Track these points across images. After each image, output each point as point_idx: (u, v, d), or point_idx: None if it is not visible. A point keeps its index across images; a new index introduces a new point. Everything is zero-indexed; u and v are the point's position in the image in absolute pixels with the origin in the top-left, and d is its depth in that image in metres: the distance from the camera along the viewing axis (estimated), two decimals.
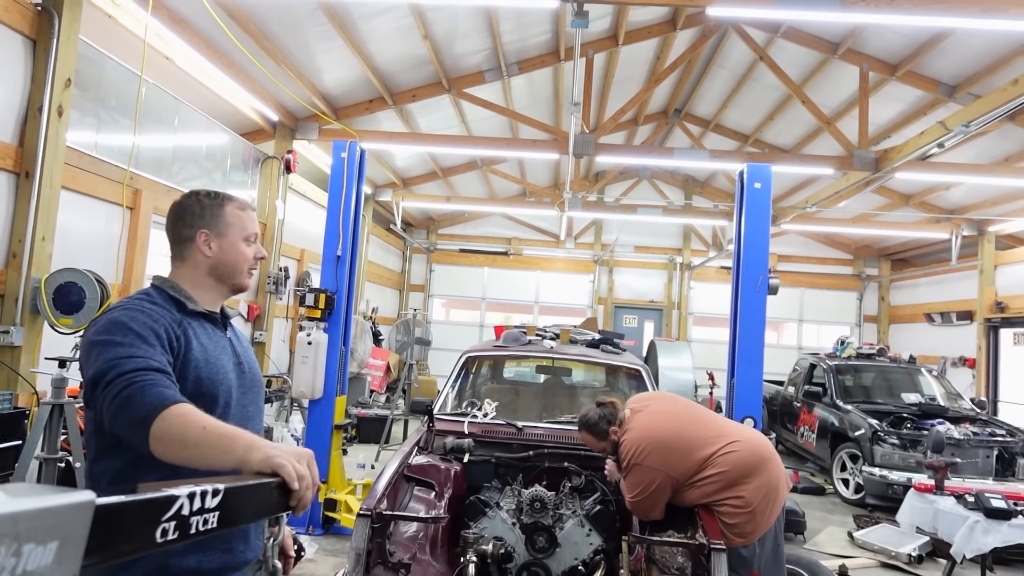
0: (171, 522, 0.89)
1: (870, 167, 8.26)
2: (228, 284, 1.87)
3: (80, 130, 5.42)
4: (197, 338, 1.72)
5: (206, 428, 1.41)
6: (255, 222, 1.93)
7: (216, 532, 1.01)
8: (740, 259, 5.46)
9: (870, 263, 15.80)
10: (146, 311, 1.64)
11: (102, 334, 1.58)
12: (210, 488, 0.98)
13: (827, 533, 6.63)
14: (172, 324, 1.67)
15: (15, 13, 4.66)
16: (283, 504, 1.28)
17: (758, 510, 3.18)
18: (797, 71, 9.26)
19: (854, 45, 8.33)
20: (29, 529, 0.61)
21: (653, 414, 3.44)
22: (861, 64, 8.42)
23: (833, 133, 8.61)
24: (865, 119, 8.39)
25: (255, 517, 1.29)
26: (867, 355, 9.86)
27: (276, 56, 7.18)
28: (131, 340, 1.56)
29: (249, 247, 1.88)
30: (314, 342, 5.81)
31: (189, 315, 1.75)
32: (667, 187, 15.93)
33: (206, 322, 1.80)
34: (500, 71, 9.05)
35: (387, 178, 12.54)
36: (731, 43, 9.50)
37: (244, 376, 1.85)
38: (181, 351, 1.65)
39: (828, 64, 8.87)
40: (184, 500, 0.92)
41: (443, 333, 15.33)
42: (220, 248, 1.83)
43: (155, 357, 1.56)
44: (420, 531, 3.42)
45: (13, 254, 4.75)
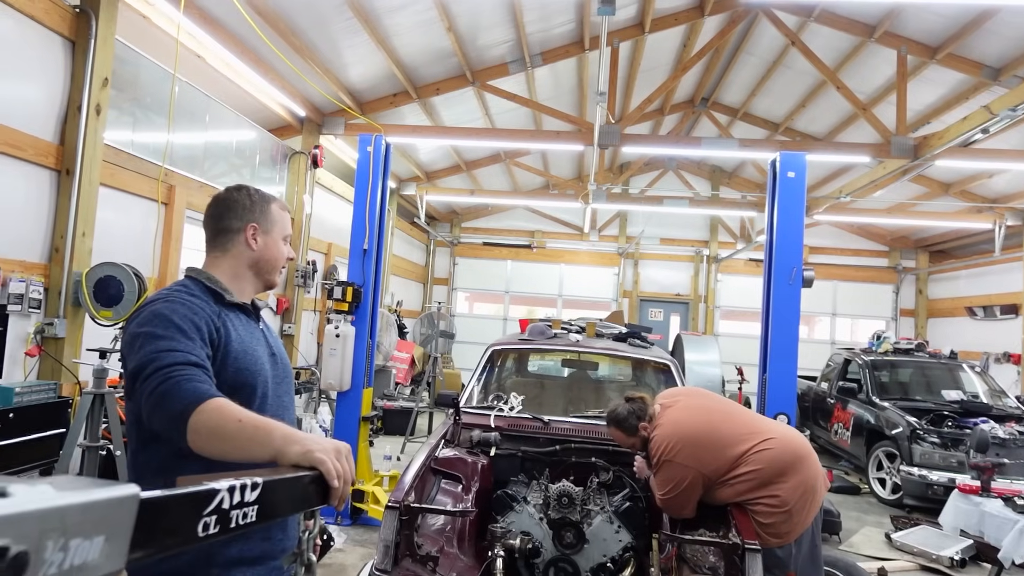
0: (212, 516, 0.90)
1: (908, 154, 8.05)
2: (264, 279, 1.92)
3: (117, 128, 5.52)
4: (235, 329, 1.74)
5: (242, 421, 1.42)
6: (290, 223, 1.99)
7: (255, 526, 1.01)
8: (772, 251, 5.37)
9: (907, 255, 15.43)
10: (186, 303, 1.66)
11: (144, 326, 1.61)
12: (249, 481, 0.98)
13: (863, 534, 6.52)
14: (212, 316, 1.69)
15: (55, 15, 4.75)
16: (320, 497, 1.28)
17: (794, 510, 3.13)
18: (831, 56, 9.06)
19: (892, 27, 8.11)
20: (76, 523, 0.61)
21: (684, 410, 3.40)
22: (899, 47, 8.20)
23: (869, 119, 8.42)
24: (903, 104, 8.17)
25: (293, 510, 1.31)
26: (905, 350, 9.61)
27: (303, 52, 7.23)
28: (171, 333, 1.58)
29: (285, 247, 1.95)
30: (342, 335, 5.86)
31: (226, 306, 1.77)
32: (693, 178, 15.75)
33: (241, 313, 1.83)
34: (524, 62, 9.00)
35: (411, 172, 12.58)
36: (761, 28, 9.33)
37: (277, 367, 1.87)
38: (221, 342, 1.67)
39: (864, 48, 8.65)
40: (224, 494, 0.92)
41: (467, 326, 15.34)
42: (265, 244, 1.87)
43: (194, 351, 1.58)
44: (448, 524, 3.43)
45: (56, 249, 4.87)
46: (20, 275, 4.58)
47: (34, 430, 4.14)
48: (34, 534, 0.56)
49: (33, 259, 4.75)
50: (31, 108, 4.67)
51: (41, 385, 4.36)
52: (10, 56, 4.48)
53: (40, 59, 4.72)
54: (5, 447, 3.92)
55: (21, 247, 4.65)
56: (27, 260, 4.69)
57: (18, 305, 4.52)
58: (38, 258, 4.80)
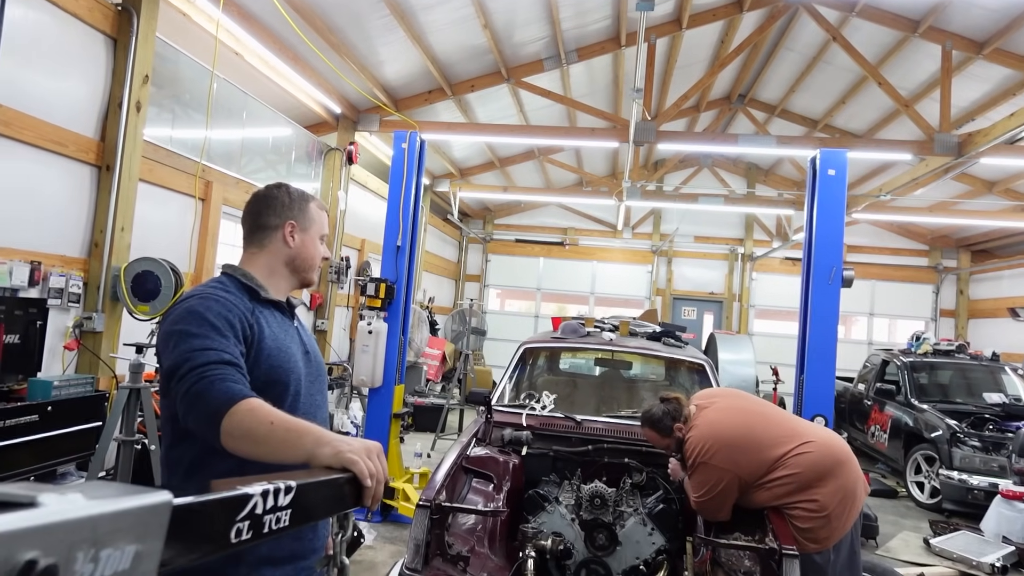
0: (245, 521, 0.88)
1: (952, 152, 7.82)
2: (299, 277, 1.91)
3: (156, 124, 5.61)
4: (269, 326, 1.74)
5: (274, 424, 1.42)
6: (327, 223, 1.99)
7: (288, 530, 0.99)
8: (811, 250, 5.25)
9: (947, 254, 15.03)
10: (221, 300, 1.66)
11: (178, 323, 1.61)
12: (283, 485, 0.96)
13: (901, 539, 6.36)
14: (245, 313, 1.68)
15: (97, 13, 4.84)
16: (354, 499, 1.27)
17: (833, 515, 3.05)
18: (873, 51, 8.83)
19: (936, 22, 7.88)
20: (108, 533, 0.59)
21: (720, 411, 3.34)
22: (944, 42, 7.96)
23: (912, 116, 8.19)
24: (947, 101, 7.94)
25: (326, 514, 1.29)
26: (945, 351, 9.37)
27: (340, 49, 7.27)
28: (205, 330, 1.58)
29: (322, 246, 1.94)
30: (374, 331, 5.88)
31: (261, 303, 1.77)
32: (729, 175, 15.52)
33: (275, 311, 1.82)
34: (559, 59, 8.94)
35: (444, 168, 12.61)
36: (801, 24, 9.14)
37: (311, 364, 1.86)
38: (254, 340, 1.67)
39: (907, 43, 8.42)
40: (258, 498, 0.90)
41: (498, 323, 15.35)
42: (302, 242, 1.87)
43: (228, 348, 1.58)
44: (478, 524, 3.41)
45: (95, 244, 4.97)
46: (60, 270, 4.68)
47: (71, 423, 4.22)
48: (64, 546, 0.54)
49: (73, 254, 4.85)
50: (73, 105, 4.77)
51: (79, 379, 4.45)
52: (54, 53, 4.58)
53: (83, 56, 4.82)
54: (44, 440, 4.00)
55: (62, 242, 4.75)
56: (67, 255, 4.79)
57: (58, 299, 4.62)
58: (78, 253, 4.90)
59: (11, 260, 4.27)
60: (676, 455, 3.47)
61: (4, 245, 4.29)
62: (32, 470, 3.98)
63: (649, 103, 8.69)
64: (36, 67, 4.46)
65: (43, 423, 4.01)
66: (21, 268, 4.31)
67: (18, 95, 4.30)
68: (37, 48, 4.45)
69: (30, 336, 4.24)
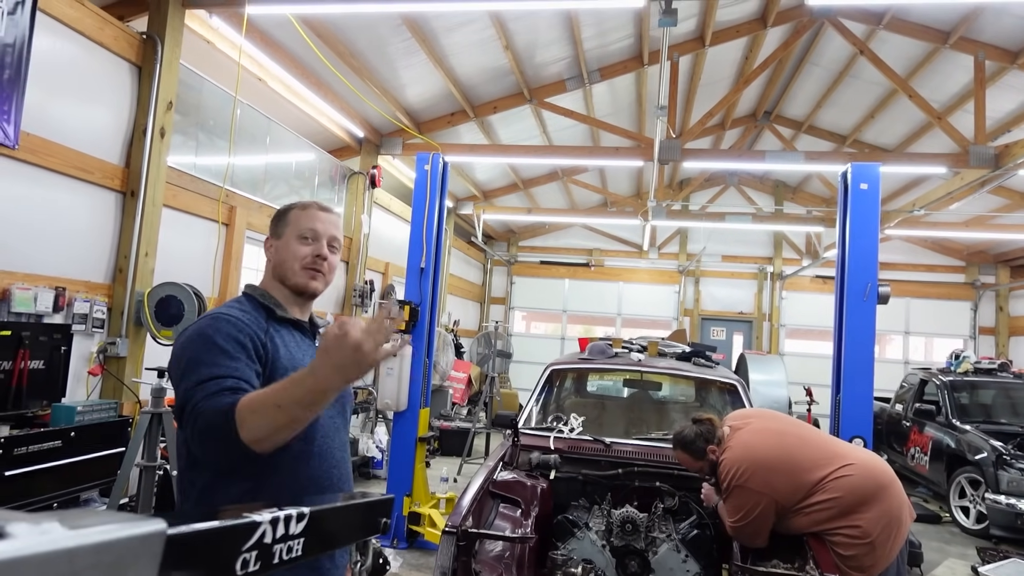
0: (252, 552, 0.80)
1: (989, 164, 7.62)
2: (288, 285, 1.78)
3: (180, 150, 5.66)
4: (285, 346, 1.69)
5: (281, 405, 1.37)
6: (317, 219, 1.80)
7: (301, 560, 0.92)
8: (845, 266, 5.09)
9: (985, 270, 14.62)
10: (232, 320, 1.62)
11: (187, 349, 1.58)
12: (295, 512, 0.89)
13: (947, 566, 6.08)
14: (258, 332, 1.64)
15: (123, 42, 4.91)
16: (373, 527, 1.19)
17: (878, 541, 2.88)
18: (902, 64, 8.68)
19: (967, 32, 7.72)
20: (89, 567, 0.52)
21: (755, 432, 3.20)
22: (976, 52, 7.79)
23: (945, 129, 8.01)
24: (982, 112, 7.75)
25: (344, 542, 1.20)
26: (986, 370, 9.05)
27: (362, 73, 7.32)
28: (214, 356, 1.53)
29: (305, 245, 1.76)
30: (399, 354, 5.81)
31: (278, 322, 1.73)
32: (756, 193, 15.33)
33: (295, 330, 1.77)
34: (581, 79, 8.93)
35: (468, 191, 12.62)
36: (826, 39, 9.03)
37: None
38: (268, 358, 1.63)
39: (937, 55, 8.26)
40: (267, 526, 0.83)
41: (524, 346, 15.22)
42: (276, 249, 1.80)
43: (235, 372, 1.53)
44: (506, 550, 3.30)
45: (119, 269, 4.99)
46: (85, 295, 4.69)
47: (95, 449, 4.20)
48: None
49: (97, 279, 4.87)
50: (99, 132, 4.82)
51: (102, 404, 4.43)
52: (80, 82, 4.64)
53: (108, 84, 4.88)
54: (67, 466, 3.97)
55: (86, 268, 4.78)
56: (92, 280, 4.81)
57: (82, 324, 4.63)
58: (102, 278, 4.92)
59: (36, 286, 4.29)
60: (710, 479, 3.33)
61: (29, 271, 4.31)
62: (55, 496, 3.95)
63: (673, 121, 8.61)
64: (63, 95, 4.52)
65: (66, 449, 3.99)
66: (46, 294, 4.33)
67: (45, 123, 4.36)
68: (64, 77, 4.52)
69: (54, 362, 4.24)
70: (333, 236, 1.82)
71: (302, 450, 1.63)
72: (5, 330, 3.94)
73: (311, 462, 1.65)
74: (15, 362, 3.95)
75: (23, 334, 4.01)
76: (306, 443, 1.63)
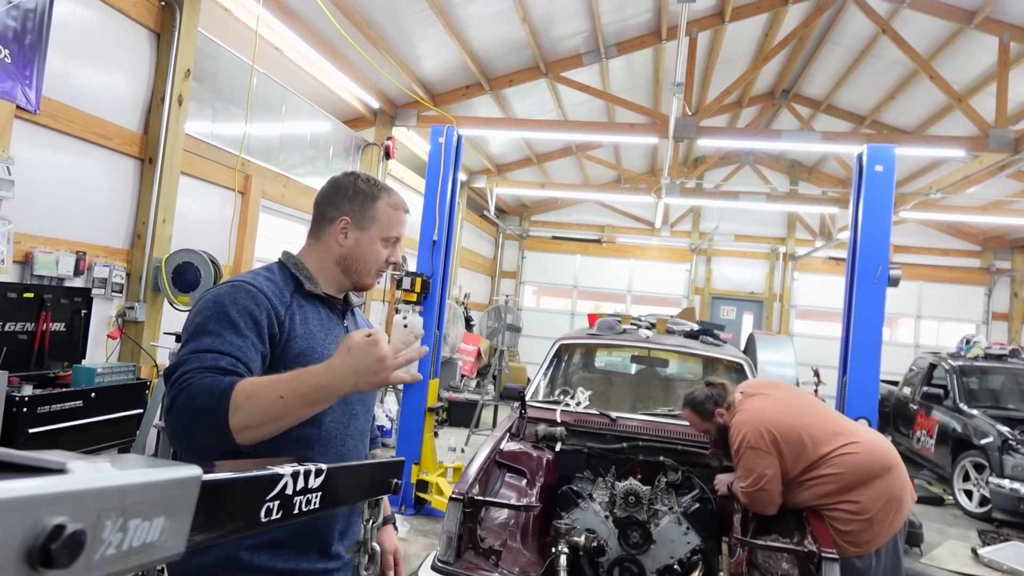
0: (275, 501, 0.88)
1: (1008, 148, 7.53)
2: (352, 279, 1.74)
3: (197, 118, 5.71)
4: (306, 323, 1.61)
5: (284, 396, 1.32)
6: (403, 224, 1.76)
7: (319, 512, 0.99)
8: (856, 248, 5.09)
9: (1001, 255, 14.50)
10: (251, 291, 1.54)
11: (200, 313, 1.51)
12: (313, 468, 0.97)
13: (947, 547, 6.15)
14: (279, 306, 1.56)
15: (141, 8, 4.94)
16: (385, 486, 1.26)
17: (876, 518, 2.95)
18: (924, 44, 8.54)
19: (992, 13, 7.58)
20: (136, 503, 0.59)
21: (767, 399, 3.27)
22: (1001, 34, 7.65)
23: (965, 111, 7.90)
24: (1004, 95, 7.63)
25: (357, 498, 1.28)
26: (997, 356, 9.03)
27: (378, 44, 7.30)
28: (221, 328, 1.46)
29: (386, 249, 1.74)
30: (409, 324, 5.86)
31: (304, 296, 1.65)
32: (771, 173, 15.21)
33: (322, 306, 1.69)
34: (598, 53, 8.85)
35: (481, 164, 12.60)
36: (849, 16, 8.88)
37: None
38: (282, 337, 1.55)
39: (961, 35, 8.12)
40: (288, 479, 0.91)
41: (534, 320, 15.30)
42: (356, 241, 1.70)
43: (240, 350, 1.45)
44: (511, 518, 3.39)
45: (138, 235, 5.08)
46: (104, 260, 4.78)
47: (114, 410, 4.30)
48: (92, 513, 0.54)
49: (117, 245, 4.96)
50: (118, 98, 4.87)
51: (121, 367, 4.54)
52: (100, 48, 4.67)
53: (127, 51, 4.91)
54: (87, 425, 4.09)
55: (106, 233, 4.86)
56: (111, 246, 4.90)
57: (102, 289, 4.72)
58: (121, 244, 5.01)
59: (57, 250, 4.38)
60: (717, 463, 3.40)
61: (51, 235, 4.40)
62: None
63: (690, 98, 8.56)
64: (82, 62, 4.56)
65: (87, 409, 4.10)
66: (67, 258, 4.42)
67: (65, 89, 4.41)
68: (83, 43, 4.55)
69: (75, 324, 4.34)
70: (402, 236, 1.79)
71: (306, 434, 1.54)
72: (28, 292, 4.04)
73: (315, 446, 1.57)
74: (38, 324, 4.05)
75: (45, 296, 4.10)
76: (312, 427, 1.53)
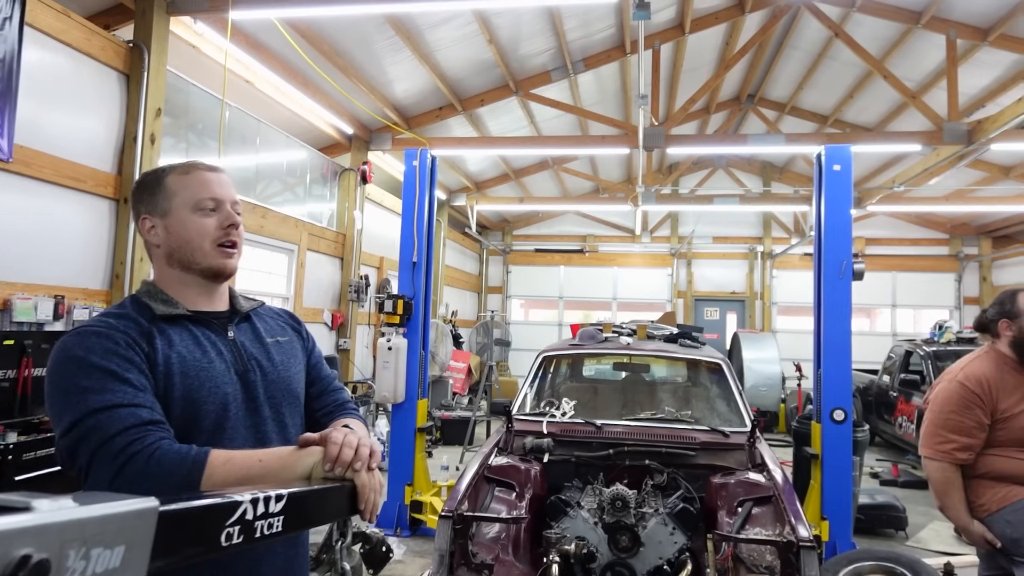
0: (235, 527, 0.92)
1: (962, 140, 7.77)
2: (196, 269, 1.47)
3: (171, 154, 5.76)
4: (171, 347, 1.37)
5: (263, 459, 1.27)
6: (208, 183, 1.47)
7: (282, 536, 1.02)
8: (821, 245, 5.24)
9: (968, 242, 14.83)
10: (103, 332, 1.31)
11: (60, 374, 1.27)
12: (274, 493, 1.00)
13: (931, 529, 6.28)
14: (137, 338, 1.33)
15: (110, 51, 5.01)
16: (350, 507, 1.28)
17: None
18: (877, 45, 8.81)
19: (939, 12, 7.85)
20: (96, 534, 0.66)
21: None
22: (948, 32, 7.93)
23: (919, 107, 8.15)
24: (954, 90, 7.89)
25: (321, 521, 1.30)
26: (969, 339, 9.24)
27: (348, 72, 7.41)
28: (99, 380, 1.25)
29: (207, 217, 1.45)
30: (394, 347, 5.95)
31: (167, 321, 1.41)
32: (744, 175, 15.47)
33: (194, 326, 1.45)
34: (566, 69, 9.02)
35: (460, 183, 12.72)
36: (804, 22, 9.14)
37: (254, 385, 1.47)
38: (156, 371, 1.34)
39: (911, 35, 8.39)
40: (247, 505, 0.95)
41: (522, 333, 15.41)
42: (166, 230, 1.45)
43: (143, 399, 1.27)
44: (502, 532, 3.44)
45: (116, 275, 5.11)
46: (83, 302, 4.82)
47: None
48: (56, 544, 0.62)
49: (95, 286, 5.00)
50: (90, 141, 4.93)
51: None
52: (70, 92, 4.74)
53: (97, 94, 4.98)
54: None
55: (84, 275, 4.90)
56: (89, 287, 4.94)
57: None
58: (100, 285, 5.04)
59: (36, 295, 4.41)
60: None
61: (29, 281, 4.44)
62: None
63: (657, 108, 8.73)
64: (53, 107, 4.62)
65: None
66: (46, 303, 4.45)
67: (37, 135, 4.46)
68: (53, 89, 4.62)
69: None
70: (234, 199, 1.52)
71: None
72: (8, 339, 4.06)
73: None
74: (19, 370, 4.07)
75: (26, 343, 4.13)
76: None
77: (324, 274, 8.76)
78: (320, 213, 8.77)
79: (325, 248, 8.70)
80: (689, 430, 4.14)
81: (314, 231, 8.39)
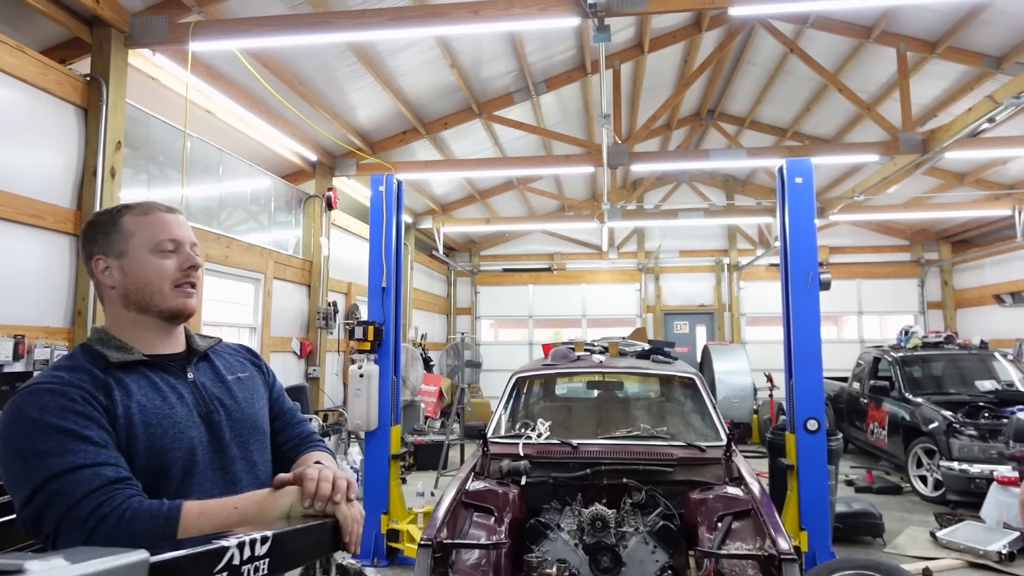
0: (223, 573, 0.93)
1: (917, 149, 8.01)
2: (155, 312, 1.43)
3: (132, 186, 5.68)
4: (130, 397, 1.33)
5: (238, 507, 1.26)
6: (167, 224, 1.46)
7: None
8: (787, 257, 5.33)
9: (929, 247, 15.23)
10: (56, 388, 1.26)
11: (15, 438, 1.21)
12: (259, 536, 1.01)
13: (908, 534, 6.36)
14: (93, 391, 1.28)
15: (67, 85, 4.92)
16: (333, 544, 1.29)
17: None
18: (831, 59, 9.07)
19: (888, 27, 8.12)
20: None
21: None
22: (898, 45, 8.20)
23: (875, 118, 8.39)
24: (907, 101, 8.15)
25: (306, 559, 1.32)
26: (934, 343, 9.47)
27: (311, 99, 7.39)
28: (55, 441, 1.20)
29: (166, 259, 1.44)
30: (365, 374, 5.88)
31: (120, 368, 1.36)
32: (707, 188, 15.72)
33: (153, 371, 1.41)
34: (528, 91, 9.11)
35: (426, 206, 12.72)
36: (759, 39, 9.37)
37: (219, 425, 1.44)
38: (116, 423, 1.29)
39: (863, 49, 8.66)
40: (234, 550, 0.95)
41: (493, 354, 15.37)
42: (122, 271, 1.42)
43: (107, 456, 1.22)
44: (482, 558, 3.41)
45: (78, 312, 4.98)
46: (45, 341, 4.68)
47: None
48: None
49: (56, 324, 4.86)
50: (48, 176, 4.82)
51: None
52: (26, 128, 4.64)
53: (54, 129, 4.88)
54: None
55: (45, 313, 4.77)
56: (51, 325, 4.80)
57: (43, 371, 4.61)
58: (61, 322, 4.91)
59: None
60: None
61: None
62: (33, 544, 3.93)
63: (619, 126, 8.85)
64: (9, 143, 4.52)
65: None
66: (5, 343, 4.32)
67: None
68: (8, 125, 4.52)
69: None
70: (193, 241, 1.51)
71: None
72: None
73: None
74: None
75: None
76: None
77: (291, 302, 8.65)
78: (286, 241, 8.68)
79: (292, 276, 8.60)
80: (665, 446, 4.14)
81: (280, 259, 8.29)
